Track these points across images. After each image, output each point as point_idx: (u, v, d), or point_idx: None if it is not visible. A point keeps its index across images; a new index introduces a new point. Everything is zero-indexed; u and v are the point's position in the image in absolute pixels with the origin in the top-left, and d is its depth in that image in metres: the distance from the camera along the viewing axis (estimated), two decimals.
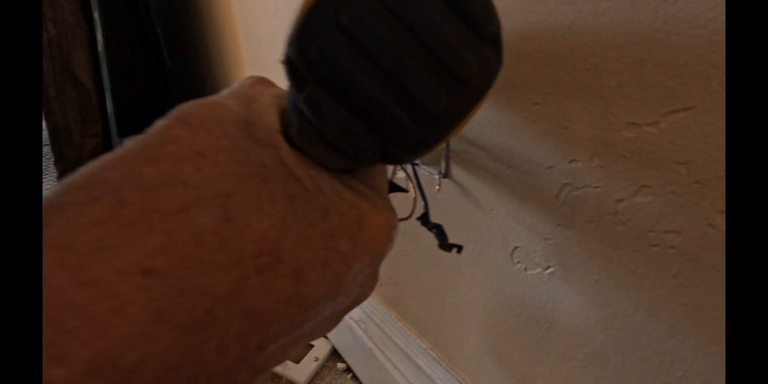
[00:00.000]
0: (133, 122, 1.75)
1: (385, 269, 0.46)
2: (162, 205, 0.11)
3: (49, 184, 1.24)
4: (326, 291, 0.13)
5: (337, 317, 0.15)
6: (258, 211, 0.12)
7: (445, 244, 0.27)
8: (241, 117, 0.13)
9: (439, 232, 0.27)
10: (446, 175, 0.31)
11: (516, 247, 0.28)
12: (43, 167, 1.43)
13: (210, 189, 0.11)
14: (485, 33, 0.12)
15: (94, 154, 1.03)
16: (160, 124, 0.12)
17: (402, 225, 0.39)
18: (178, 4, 1.15)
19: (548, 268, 0.26)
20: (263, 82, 0.16)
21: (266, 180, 0.12)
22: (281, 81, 0.14)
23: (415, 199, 0.27)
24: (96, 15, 0.66)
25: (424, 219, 0.28)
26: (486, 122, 0.27)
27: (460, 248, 0.27)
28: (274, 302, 0.11)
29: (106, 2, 0.96)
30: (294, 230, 0.12)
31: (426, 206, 0.28)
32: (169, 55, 1.60)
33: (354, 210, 0.14)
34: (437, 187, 0.32)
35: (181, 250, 0.10)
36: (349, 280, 0.13)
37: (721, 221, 0.17)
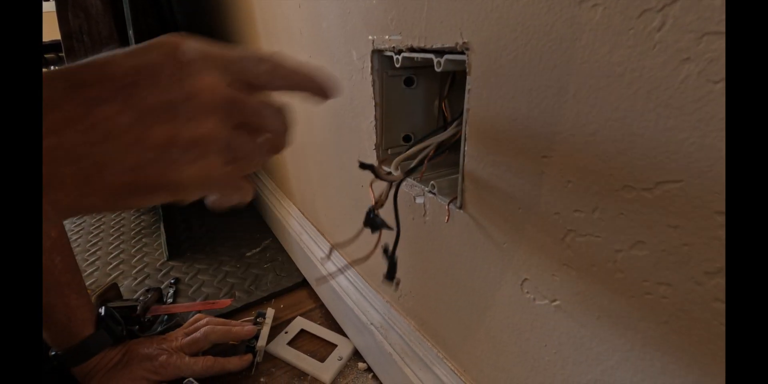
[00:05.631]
0: None
1: (405, 281, 0.49)
2: None
3: None
4: None
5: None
6: None
7: (390, 277, 0.31)
8: None
9: (392, 266, 0.30)
10: (461, 206, 0.34)
11: (525, 279, 0.30)
12: None
13: None
14: None
15: None
16: None
17: (420, 243, 0.41)
18: (201, 6, 1.18)
19: (555, 300, 0.28)
20: None
21: None
22: None
23: (379, 237, 0.30)
24: (130, 33, 0.70)
25: (394, 249, 0.31)
26: (499, 164, 0.29)
27: (398, 285, 0.31)
28: None
29: (132, 5, 1.00)
30: None
31: (397, 238, 0.31)
32: None
33: None
34: (447, 218, 0.35)
35: None
36: None
37: (707, 280, 0.19)
